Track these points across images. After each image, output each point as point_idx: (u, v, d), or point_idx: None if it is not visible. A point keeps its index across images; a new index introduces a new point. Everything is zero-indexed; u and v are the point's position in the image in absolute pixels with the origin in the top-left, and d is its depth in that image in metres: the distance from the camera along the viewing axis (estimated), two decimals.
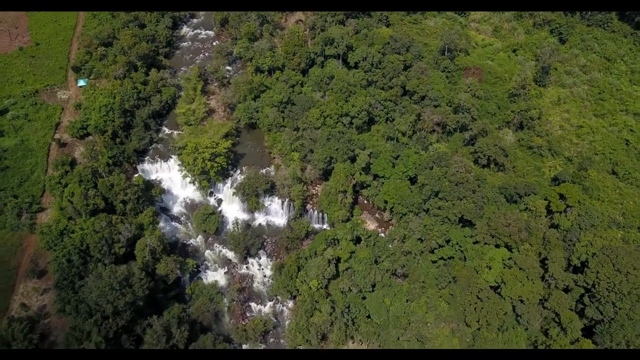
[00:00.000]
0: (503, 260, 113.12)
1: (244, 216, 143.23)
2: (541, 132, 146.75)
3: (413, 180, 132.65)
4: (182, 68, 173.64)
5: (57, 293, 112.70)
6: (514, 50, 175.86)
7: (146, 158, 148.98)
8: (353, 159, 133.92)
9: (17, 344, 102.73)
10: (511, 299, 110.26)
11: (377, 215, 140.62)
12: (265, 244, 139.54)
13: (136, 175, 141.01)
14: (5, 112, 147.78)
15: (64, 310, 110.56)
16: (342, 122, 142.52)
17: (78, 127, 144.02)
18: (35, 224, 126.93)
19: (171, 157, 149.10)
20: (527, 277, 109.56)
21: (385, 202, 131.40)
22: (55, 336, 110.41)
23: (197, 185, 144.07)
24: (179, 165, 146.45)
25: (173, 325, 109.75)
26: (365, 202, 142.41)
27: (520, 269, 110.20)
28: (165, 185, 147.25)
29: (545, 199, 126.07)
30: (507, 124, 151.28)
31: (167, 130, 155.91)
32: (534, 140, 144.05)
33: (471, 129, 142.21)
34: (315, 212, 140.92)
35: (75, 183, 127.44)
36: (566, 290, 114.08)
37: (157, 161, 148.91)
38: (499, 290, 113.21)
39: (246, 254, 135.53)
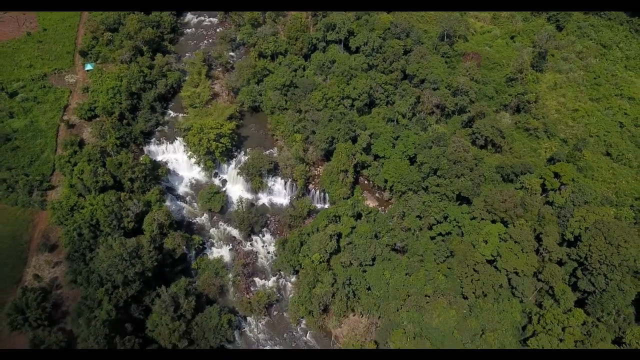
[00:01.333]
0: (499, 234, 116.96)
1: (247, 196, 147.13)
2: (537, 115, 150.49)
3: (412, 160, 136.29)
4: (186, 54, 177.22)
5: (68, 265, 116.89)
6: (512, 37, 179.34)
7: (152, 140, 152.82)
8: (354, 140, 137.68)
9: (31, 312, 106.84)
10: (506, 271, 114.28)
11: (377, 194, 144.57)
12: (268, 222, 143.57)
13: (143, 155, 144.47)
14: (15, 95, 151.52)
15: (75, 280, 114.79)
16: (344, 105, 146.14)
17: (86, 109, 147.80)
18: (46, 201, 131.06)
19: (177, 139, 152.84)
20: (522, 249, 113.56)
21: (385, 181, 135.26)
22: (67, 306, 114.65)
23: (202, 166, 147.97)
24: (184, 146, 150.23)
25: (180, 296, 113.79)
26: (366, 182, 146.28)
27: (515, 242, 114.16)
28: (170, 166, 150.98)
29: (541, 178, 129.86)
30: (505, 107, 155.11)
31: (172, 114, 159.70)
32: (531, 122, 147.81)
33: (469, 111, 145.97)
34: (317, 192, 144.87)
35: (84, 162, 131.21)
36: (560, 263, 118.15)
37: (163, 143, 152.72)
38: (494, 263, 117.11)
39: (250, 231, 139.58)
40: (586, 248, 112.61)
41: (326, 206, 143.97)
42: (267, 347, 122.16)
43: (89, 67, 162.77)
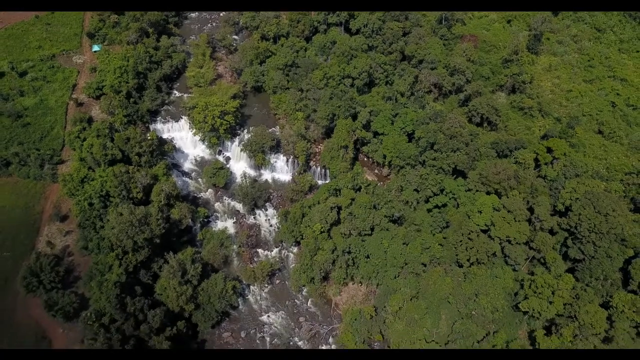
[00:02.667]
0: (493, 205, 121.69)
1: (251, 172, 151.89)
2: (532, 95, 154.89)
3: (410, 137, 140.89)
4: (190, 36, 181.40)
5: (80, 232, 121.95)
6: (509, 21, 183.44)
7: (158, 118, 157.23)
8: (354, 117, 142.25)
9: (45, 276, 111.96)
10: (500, 239, 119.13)
11: (376, 170, 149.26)
12: (271, 197, 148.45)
13: (150, 132, 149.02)
14: (24, 75, 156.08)
15: (86, 247, 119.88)
16: (344, 84, 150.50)
17: (94, 87, 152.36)
18: (57, 174, 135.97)
19: (182, 118, 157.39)
20: (514, 219, 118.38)
21: (384, 156, 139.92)
22: (79, 272, 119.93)
23: (206, 143, 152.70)
24: (189, 124, 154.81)
25: (187, 263, 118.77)
26: (365, 159, 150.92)
27: (508, 211, 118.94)
28: (176, 144, 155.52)
29: (534, 153, 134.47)
30: (500, 87, 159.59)
31: (177, 93, 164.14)
32: (525, 101, 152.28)
33: (466, 90, 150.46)
34: (318, 169, 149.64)
35: (93, 137, 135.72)
36: (551, 233, 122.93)
37: (168, 121, 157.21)
38: (488, 232, 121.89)
39: (253, 205, 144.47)
40: (576, 217, 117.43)
41: (327, 182, 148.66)
42: (270, 314, 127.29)
43: (96, 48, 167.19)
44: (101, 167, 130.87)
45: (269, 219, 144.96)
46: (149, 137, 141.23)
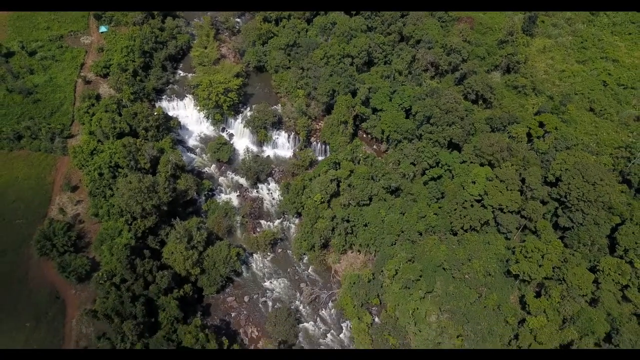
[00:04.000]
0: (486, 176, 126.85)
1: (253, 149, 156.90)
2: (526, 74, 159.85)
3: (408, 114, 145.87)
4: (194, 19, 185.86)
5: (90, 200, 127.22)
6: None
7: (164, 97, 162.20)
8: (354, 93, 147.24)
9: (58, 239, 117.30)
10: (492, 207, 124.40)
11: (374, 146, 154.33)
12: (273, 172, 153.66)
13: (156, 107, 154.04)
14: (34, 54, 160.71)
15: (97, 214, 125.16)
16: (344, 63, 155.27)
17: (102, 65, 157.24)
18: (67, 147, 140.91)
19: (187, 96, 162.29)
20: (506, 187, 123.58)
21: (383, 132, 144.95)
22: (90, 238, 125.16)
23: (210, 120, 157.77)
24: (194, 103, 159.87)
25: (193, 230, 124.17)
26: (365, 135, 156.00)
27: (501, 181, 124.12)
28: (181, 121, 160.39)
29: (527, 127, 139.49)
30: (495, 67, 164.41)
31: (182, 73, 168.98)
32: (519, 80, 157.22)
33: (461, 69, 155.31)
34: (319, 145, 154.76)
35: (102, 112, 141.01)
36: (542, 203, 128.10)
37: (173, 99, 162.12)
38: (482, 202, 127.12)
39: (256, 179, 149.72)
40: (566, 187, 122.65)
41: (327, 157, 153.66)
42: (272, 280, 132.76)
43: (103, 29, 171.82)
44: (110, 140, 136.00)
45: (271, 193, 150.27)
46: (155, 113, 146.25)
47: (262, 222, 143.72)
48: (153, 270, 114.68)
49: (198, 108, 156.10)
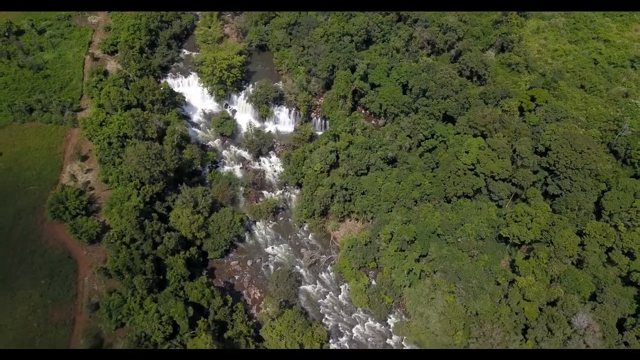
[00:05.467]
0: (479, 145, 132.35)
1: (255, 124, 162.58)
2: (520, 53, 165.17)
3: (405, 90, 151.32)
4: None
5: (100, 167, 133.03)
6: None
7: (169, 74, 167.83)
8: (353, 69, 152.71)
9: (70, 203, 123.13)
10: (484, 175, 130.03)
11: (372, 122, 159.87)
12: (274, 146, 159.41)
13: (162, 82, 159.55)
14: (43, 32, 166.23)
15: (107, 180, 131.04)
16: (343, 40, 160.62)
17: (109, 43, 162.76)
18: (76, 120, 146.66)
19: (191, 74, 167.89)
20: (498, 156, 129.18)
21: (380, 106, 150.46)
22: (100, 203, 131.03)
23: (214, 96, 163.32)
24: (198, 80, 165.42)
25: (198, 196, 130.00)
26: (363, 111, 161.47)
27: (492, 149, 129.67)
28: (185, 97, 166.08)
29: (519, 101, 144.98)
30: (490, 46, 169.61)
31: (186, 52, 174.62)
32: (513, 58, 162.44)
33: (457, 47, 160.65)
34: (319, 120, 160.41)
35: (110, 86, 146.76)
36: (533, 173, 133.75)
37: (178, 77, 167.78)
38: (474, 171, 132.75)
39: (258, 153, 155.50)
40: (554, 155, 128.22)
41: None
42: (274, 246, 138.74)
43: None
44: (118, 112, 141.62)
45: (272, 166, 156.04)
46: (161, 87, 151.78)
47: (264, 192, 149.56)
48: (161, 232, 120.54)
49: (202, 84, 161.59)
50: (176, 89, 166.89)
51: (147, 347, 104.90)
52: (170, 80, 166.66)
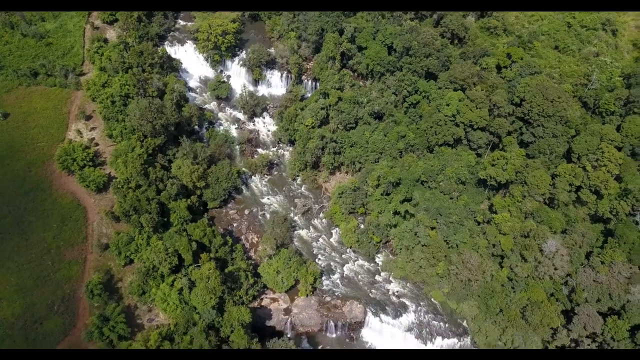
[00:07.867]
0: (459, 98, 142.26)
1: (249, 87, 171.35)
2: (498, 17, 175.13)
3: (390, 52, 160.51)
4: None
5: (105, 123, 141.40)
6: None
7: (166, 42, 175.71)
8: (341, 32, 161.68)
9: (77, 155, 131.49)
10: (464, 124, 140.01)
11: (360, 83, 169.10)
12: (268, 107, 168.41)
13: (160, 47, 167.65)
14: None
15: (111, 135, 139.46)
16: None
17: (108, 12, 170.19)
18: (80, 83, 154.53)
19: (187, 42, 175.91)
20: (476, 106, 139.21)
21: (367, 66, 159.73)
22: (105, 157, 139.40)
23: (210, 62, 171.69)
24: (194, 47, 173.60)
25: (198, 148, 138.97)
26: (351, 73, 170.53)
27: (471, 100, 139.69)
28: (182, 64, 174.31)
29: (496, 59, 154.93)
30: (470, 13, 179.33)
31: (182, 22, 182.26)
32: (492, 22, 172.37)
33: (439, 12, 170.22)
34: (309, 82, 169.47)
35: (111, 50, 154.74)
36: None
37: (174, 45, 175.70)
38: (455, 122, 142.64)
39: (252, 114, 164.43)
40: (528, 105, 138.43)
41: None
42: (270, 197, 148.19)
43: None
44: (119, 74, 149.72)
45: (266, 126, 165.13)
46: (159, 52, 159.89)
47: (259, 150, 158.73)
48: (164, 179, 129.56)
49: (198, 51, 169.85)
50: (173, 56, 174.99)
51: (155, 277, 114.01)
52: (167, 48, 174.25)
